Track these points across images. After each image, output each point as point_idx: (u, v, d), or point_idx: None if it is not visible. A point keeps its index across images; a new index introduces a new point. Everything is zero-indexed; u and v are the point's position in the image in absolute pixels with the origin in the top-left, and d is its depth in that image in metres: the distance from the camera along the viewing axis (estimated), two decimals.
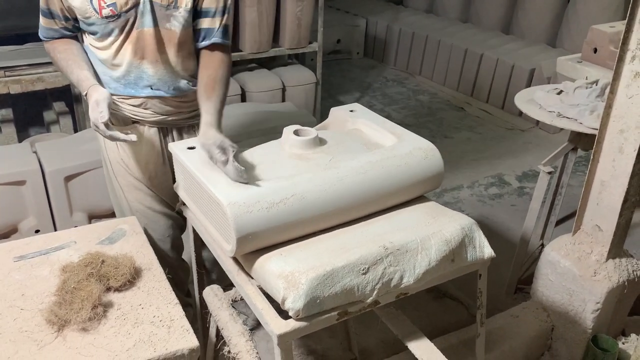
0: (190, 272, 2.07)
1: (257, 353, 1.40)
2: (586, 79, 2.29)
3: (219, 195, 1.28)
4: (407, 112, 4.73)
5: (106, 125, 1.52)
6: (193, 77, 1.77)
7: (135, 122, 1.79)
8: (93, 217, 2.69)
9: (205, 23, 1.70)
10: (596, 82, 2.22)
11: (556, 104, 2.17)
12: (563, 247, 2.04)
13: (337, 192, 1.36)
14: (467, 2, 5.66)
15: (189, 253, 1.80)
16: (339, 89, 5.17)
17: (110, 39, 1.65)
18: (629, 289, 1.98)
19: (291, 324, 1.21)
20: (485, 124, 4.55)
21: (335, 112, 1.77)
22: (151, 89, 1.72)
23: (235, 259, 1.40)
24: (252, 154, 1.49)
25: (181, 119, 1.82)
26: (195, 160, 1.44)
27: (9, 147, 2.84)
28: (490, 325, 2.01)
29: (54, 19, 1.67)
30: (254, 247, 1.30)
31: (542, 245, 2.65)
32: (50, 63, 3.14)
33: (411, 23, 5.70)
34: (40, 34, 1.73)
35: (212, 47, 1.72)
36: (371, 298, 1.29)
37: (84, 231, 1.69)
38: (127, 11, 1.59)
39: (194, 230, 1.64)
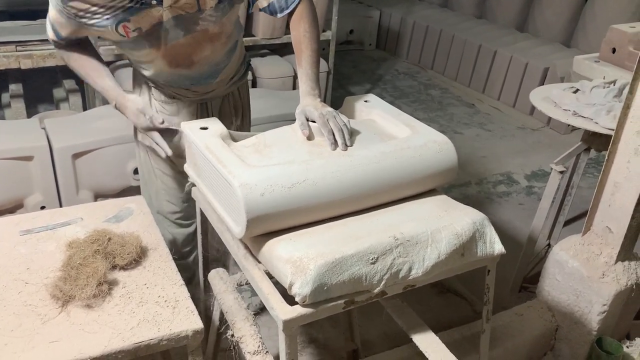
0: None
1: (261, 338, 1.40)
2: (603, 78, 2.26)
3: (230, 176, 1.26)
4: (418, 106, 4.70)
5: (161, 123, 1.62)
6: (232, 52, 1.75)
7: (176, 98, 1.80)
8: (99, 196, 2.69)
9: (264, 1, 1.64)
10: (614, 82, 2.19)
11: (572, 102, 2.14)
12: (572, 248, 2.02)
13: (350, 180, 1.34)
14: None
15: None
16: (350, 79, 5.14)
17: (143, 51, 1.62)
18: (637, 293, 1.96)
19: (297, 310, 1.20)
20: (496, 121, 4.52)
21: (349, 101, 1.74)
22: (191, 84, 1.73)
23: (242, 242, 1.39)
24: (265, 138, 1.48)
25: (221, 90, 1.84)
26: (207, 140, 1.43)
27: (18, 122, 2.84)
28: (494, 323, 2.00)
29: (59, 38, 1.61)
30: (263, 230, 1.29)
31: (549, 245, 2.63)
32: None
33: (425, 16, 5.66)
34: (50, 40, 1.65)
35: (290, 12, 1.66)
36: (378, 288, 1.27)
37: (91, 208, 1.68)
38: (153, 30, 1.54)
39: (201, 212, 1.63)
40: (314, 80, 1.57)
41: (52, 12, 1.56)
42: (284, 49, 4.05)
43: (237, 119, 1.97)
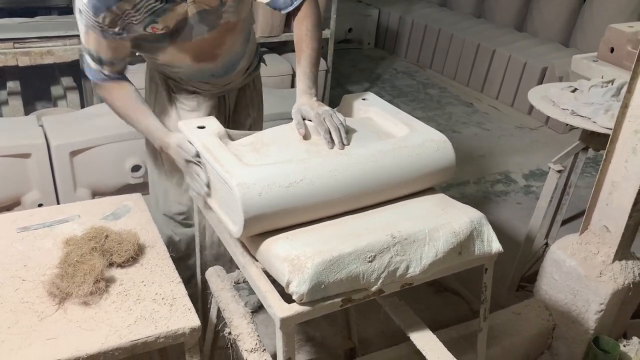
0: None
1: (258, 336, 1.39)
2: (602, 78, 2.26)
3: (228, 176, 1.26)
4: (416, 105, 4.70)
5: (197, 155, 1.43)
6: (247, 41, 1.79)
7: (196, 93, 1.83)
8: (97, 194, 2.69)
9: None
10: (612, 81, 2.19)
11: (570, 101, 2.14)
12: (569, 247, 2.02)
13: (347, 179, 1.34)
14: None
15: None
16: (348, 78, 5.14)
17: (169, 51, 1.63)
18: (634, 292, 1.96)
19: (294, 308, 1.20)
20: (494, 120, 4.52)
21: (347, 99, 1.74)
22: (212, 76, 1.75)
23: (240, 241, 1.39)
24: (262, 136, 1.47)
25: (237, 82, 1.87)
26: (204, 139, 1.42)
27: (15, 120, 2.83)
28: (492, 322, 2.00)
29: (103, 65, 1.56)
30: (261, 229, 1.28)
31: (547, 244, 2.64)
32: (59, 37, 3.12)
33: (424, 15, 5.65)
34: (90, 76, 1.61)
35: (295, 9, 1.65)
36: (376, 286, 1.27)
37: (89, 206, 1.68)
38: (179, 28, 1.57)
39: (198, 211, 1.63)
40: (311, 79, 1.57)
41: (90, 37, 1.51)
42: (283, 47, 4.05)
43: (254, 110, 2.00)
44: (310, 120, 1.46)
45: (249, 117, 1.98)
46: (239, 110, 1.95)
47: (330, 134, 1.41)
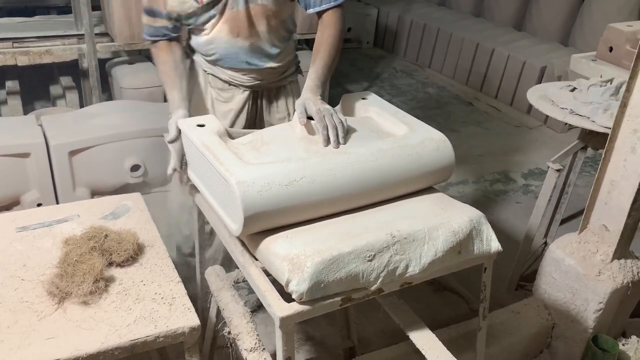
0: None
1: (258, 335, 1.40)
2: (601, 77, 2.26)
3: (227, 174, 1.26)
4: (415, 104, 4.70)
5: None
6: (284, 42, 1.85)
7: (232, 85, 1.88)
8: (96, 193, 2.68)
9: None
10: (611, 80, 2.19)
11: (569, 100, 2.15)
12: (568, 246, 2.02)
13: (347, 178, 1.34)
14: None
15: None
16: (347, 77, 5.14)
17: (209, 23, 1.73)
18: (633, 291, 1.96)
19: (294, 307, 1.20)
20: (493, 119, 4.52)
21: (347, 99, 1.75)
22: (247, 63, 1.81)
23: (240, 240, 1.39)
24: (262, 135, 1.47)
25: (272, 82, 1.92)
26: (204, 138, 1.42)
27: (14, 119, 2.82)
28: (491, 320, 2.00)
29: (155, 17, 1.72)
30: (260, 227, 1.29)
31: (546, 243, 2.64)
32: (58, 36, 3.12)
33: (423, 15, 5.65)
34: (145, 34, 1.79)
35: (320, 12, 1.77)
36: (375, 285, 1.28)
37: (88, 205, 1.68)
38: None
39: (198, 210, 1.63)
40: (321, 79, 1.64)
41: None
42: None
43: (289, 114, 2.04)
44: (311, 118, 1.46)
45: (285, 119, 2.02)
46: (272, 111, 2.00)
47: (328, 131, 1.42)
